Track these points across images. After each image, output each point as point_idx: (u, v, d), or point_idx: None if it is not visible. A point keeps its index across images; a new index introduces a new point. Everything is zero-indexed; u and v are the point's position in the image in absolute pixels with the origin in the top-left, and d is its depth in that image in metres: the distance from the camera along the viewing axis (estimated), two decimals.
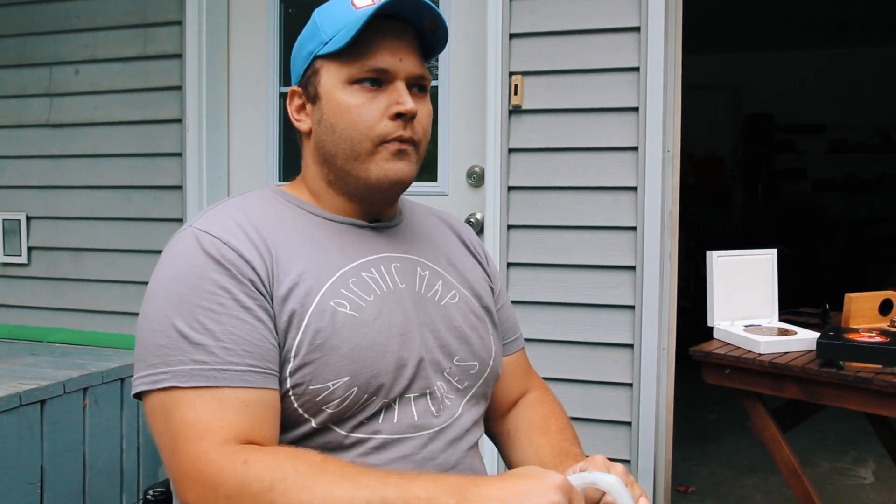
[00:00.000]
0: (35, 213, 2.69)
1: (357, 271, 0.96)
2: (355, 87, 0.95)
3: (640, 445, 2.06)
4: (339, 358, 0.89)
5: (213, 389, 0.84)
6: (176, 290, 0.87)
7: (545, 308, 2.14)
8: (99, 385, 2.12)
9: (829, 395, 1.61)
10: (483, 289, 1.11)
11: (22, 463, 1.89)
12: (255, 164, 2.54)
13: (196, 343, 0.84)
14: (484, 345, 1.05)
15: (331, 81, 0.97)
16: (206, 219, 0.94)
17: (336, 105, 0.96)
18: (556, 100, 2.13)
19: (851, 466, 2.97)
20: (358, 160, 0.96)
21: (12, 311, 2.73)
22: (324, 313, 0.90)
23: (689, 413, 3.47)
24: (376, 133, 0.95)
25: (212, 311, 0.86)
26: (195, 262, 0.88)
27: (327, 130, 0.97)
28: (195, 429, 0.82)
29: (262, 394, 0.86)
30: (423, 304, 1.00)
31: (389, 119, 0.95)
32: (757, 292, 1.94)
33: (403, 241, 1.05)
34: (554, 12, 2.12)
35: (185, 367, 0.84)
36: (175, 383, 0.83)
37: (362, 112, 0.95)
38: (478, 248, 1.17)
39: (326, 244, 0.97)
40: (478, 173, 2.27)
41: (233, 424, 0.83)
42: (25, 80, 2.68)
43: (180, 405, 0.83)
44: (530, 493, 0.73)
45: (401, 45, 0.96)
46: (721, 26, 5.28)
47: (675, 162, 2.07)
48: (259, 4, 2.50)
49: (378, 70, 0.95)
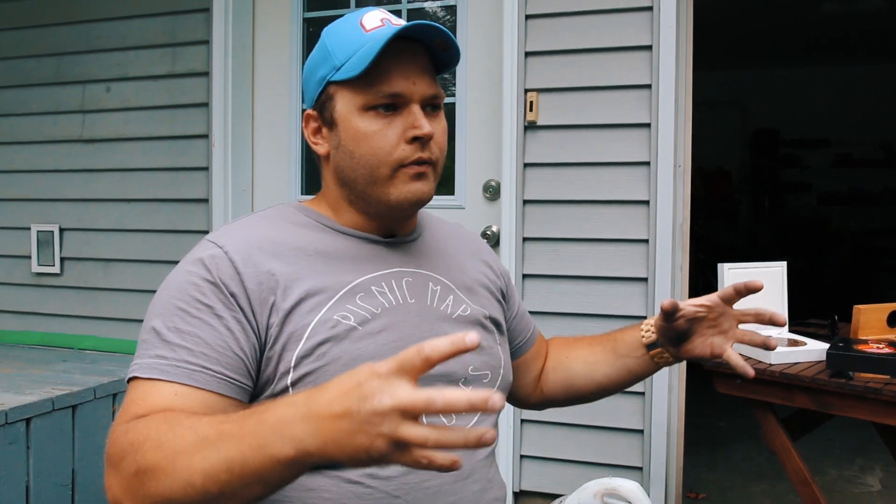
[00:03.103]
0: (68, 224, 2.76)
1: (367, 285, 0.97)
2: (371, 114, 0.95)
3: (653, 453, 2.10)
4: (340, 368, 0.90)
5: (161, 382, 0.86)
6: (166, 294, 0.92)
7: (559, 318, 2.19)
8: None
9: (838, 404, 1.62)
10: (493, 303, 1.12)
11: (54, 465, 1.94)
12: (278, 178, 2.61)
13: (164, 340, 0.88)
14: (494, 355, 1.07)
15: (346, 108, 0.97)
16: (221, 231, 0.98)
17: (353, 132, 0.96)
18: (570, 116, 2.18)
19: (859, 474, 2.99)
20: (377, 185, 0.97)
21: (45, 319, 2.80)
22: (326, 325, 0.92)
23: (698, 420, 3.49)
24: (394, 158, 0.95)
25: (185, 314, 0.89)
26: (189, 269, 0.92)
27: (345, 156, 0.98)
28: (125, 408, 0.86)
29: (202, 394, 0.86)
30: (433, 317, 1.01)
31: (406, 143, 0.95)
32: (767, 304, 1.95)
33: (418, 255, 1.06)
34: (568, 31, 2.17)
35: (149, 360, 0.88)
36: (138, 374, 0.87)
37: (379, 138, 0.95)
38: (491, 260, 1.19)
39: (340, 259, 0.98)
40: (494, 187, 2.32)
41: (153, 406, 0.84)
42: (60, 97, 2.76)
43: (132, 391, 0.87)
44: (333, 385, 0.68)
45: (413, 68, 0.96)
46: (729, 44, 5.34)
47: (686, 177, 2.12)
48: (283, 25, 2.58)
49: (392, 95, 0.95)
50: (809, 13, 4.67)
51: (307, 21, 2.58)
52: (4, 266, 2.88)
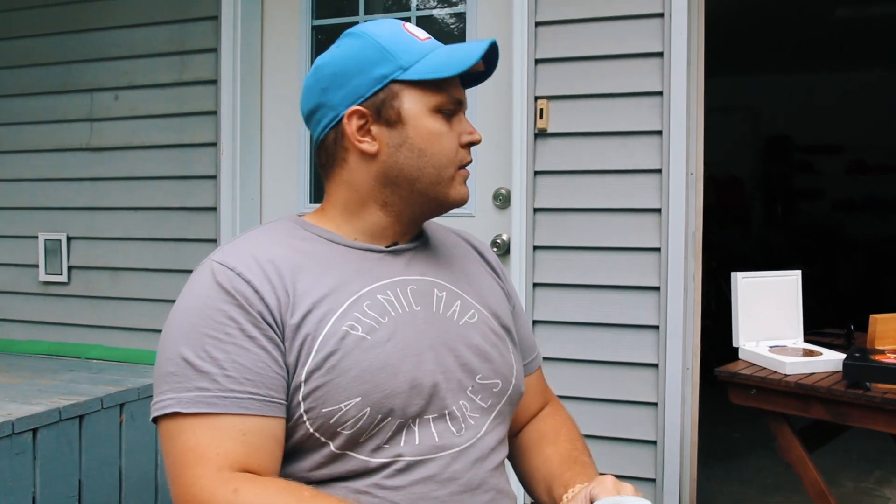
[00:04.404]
0: (75, 233, 2.76)
1: (372, 294, 0.97)
2: (439, 116, 1.00)
3: (666, 464, 2.07)
4: (350, 379, 0.90)
5: (213, 416, 0.86)
6: (188, 321, 0.91)
7: (571, 328, 2.16)
8: (135, 401, 2.16)
9: (855, 416, 1.61)
10: (502, 308, 1.11)
11: (61, 476, 1.93)
12: (287, 186, 2.60)
13: (200, 371, 0.87)
14: (505, 363, 1.05)
15: (417, 107, 0.99)
16: (224, 251, 0.97)
17: (426, 131, 0.99)
18: (580, 123, 2.16)
19: (876, 486, 2.95)
20: (441, 184, 1.01)
21: (52, 328, 2.80)
22: (335, 336, 0.92)
23: (711, 431, 3.45)
24: (458, 158, 1.02)
25: (218, 340, 0.88)
26: (207, 294, 0.91)
27: (412, 154, 0.99)
28: (193, 454, 0.85)
29: (260, 422, 0.88)
30: (440, 325, 1.00)
31: (461, 147, 1.02)
32: (781, 313, 1.95)
33: (421, 263, 1.06)
34: (578, 38, 2.16)
35: (189, 393, 0.87)
36: (178, 409, 0.86)
37: (448, 140, 1.01)
38: (496, 266, 1.19)
39: (344, 270, 0.98)
40: (504, 195, 2.31)
41: (229, 452, 0.85)
42: (68, 105, 2.76)
43: (182, 431, 0.86)
44: None
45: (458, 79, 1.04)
46: (741, 50, 5.32)
47: (699, 184, 2.09)
48: (291, 32, 2.58)
49: (458, 102, 1.02)
50: (822, 18, 4.64)
51: (316, 28, 2.57)
52: (12, 275, 2.88)
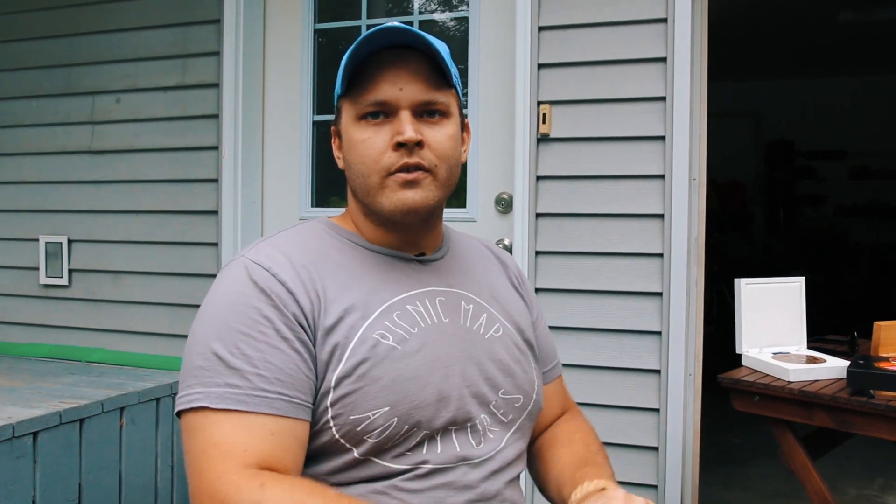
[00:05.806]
0: (76, 236, 2.76)
1: (402, 304, 0.97)
2: (362, 123, 0.97)
3: (668, 471, 2.06)
4: (380, 388, 0.90)
5: (242, 414, 0.85)
6: (220, 316, 0.90)
7: (573, 333, 2.16)
8: (135, 405, 2.16)
9: (859, 423, 1.60)
10: (525, 322, 1.11)
11: (61, 480, 1.92)
12: (288, 190, 2.60)
13: (232, 367, 0.87)
14: (527, 378, 1.05)
15: (346, 120, 0.99)
16: (257, 250, 0.96)
17: (349, 142, 0.98)
18: (583, 128, 2.15)
19: (879, 493, 2.93)
20: (370, 194, 0.97)
21: (53, 331, 2.79)
22: (366, 344, 0.91)
23: (713, 437, 3.44)
24: (381, 165, 0.95)
25: (251, 338, 0.88)
26: (242, 290, 0.91)
27: (348, 167, 1.00)
28: (220, 449, 0.84)
29: (288, 423, 0.87)
30: (467, 338, 1.00)
31: (392, 150, 0.95)
32: (785, 320, 1.94)
33: (448, 274, 1.06)
34: (581, 43, 2.15)
35: (219, 388, 0.86)
36: (207, 404, 0.86)
37: (367, 146, 0.96)
38: (517, 276, 1.18)
39: (373, 277, 0.98)
40: (506, 200, 2.30)
41: (256, 450, 0.84)
42: (69, 108, 2.76)
43: (209, 425, 0.85)
44: None
45: (402, 74, 0.95)
46: (744, 55, 5.31)
47: (701, 190, 2.09)
48: (294, 36, 2.57)
49: (378, 103, 0.95)
50: (826, 23, 4.64)
51: (318, 32, 2.56)
52: (12, 278, 2.87)
